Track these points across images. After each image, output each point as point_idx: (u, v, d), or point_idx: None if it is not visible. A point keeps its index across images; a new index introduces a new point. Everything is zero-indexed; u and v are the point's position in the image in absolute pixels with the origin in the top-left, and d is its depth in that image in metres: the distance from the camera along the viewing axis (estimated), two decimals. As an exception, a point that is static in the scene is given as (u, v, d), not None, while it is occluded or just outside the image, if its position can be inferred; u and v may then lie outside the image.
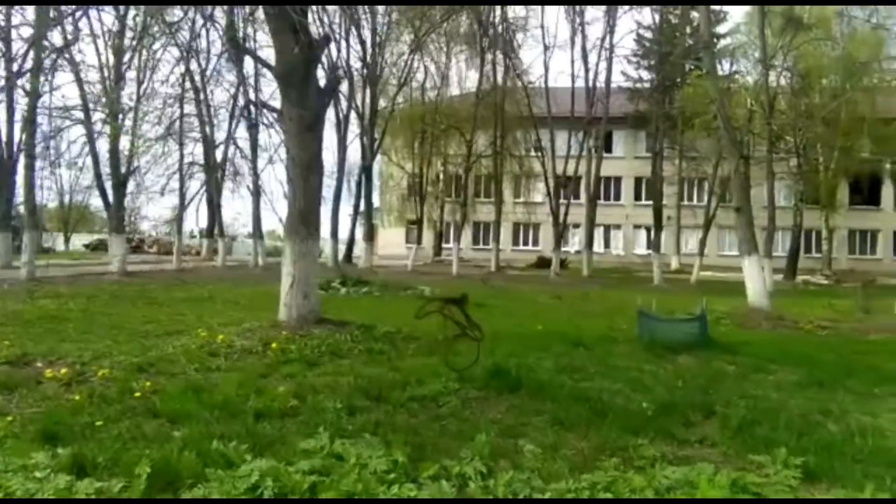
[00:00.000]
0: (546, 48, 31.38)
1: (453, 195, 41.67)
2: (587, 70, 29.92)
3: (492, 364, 6.00)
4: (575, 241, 49.98)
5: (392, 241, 48.48)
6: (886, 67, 28.93)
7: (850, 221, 41.50)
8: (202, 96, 29.20)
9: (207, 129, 29.52)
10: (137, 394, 5.11)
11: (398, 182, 46.53)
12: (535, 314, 12.04)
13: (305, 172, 7.75)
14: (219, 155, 29.54)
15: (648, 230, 47.82)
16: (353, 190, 39.54)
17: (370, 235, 28.27)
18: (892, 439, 4.60)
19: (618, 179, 49.52)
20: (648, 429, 4.58)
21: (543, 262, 40.25)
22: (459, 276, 25.54)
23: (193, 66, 25.96)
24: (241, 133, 30.83)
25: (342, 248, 31.59)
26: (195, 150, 30.14)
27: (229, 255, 36.38)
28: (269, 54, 10.22)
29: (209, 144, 29.81)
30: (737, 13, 56.25)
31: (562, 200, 31.03)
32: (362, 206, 33.13)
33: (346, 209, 35.26)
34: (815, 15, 25.52)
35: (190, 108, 28.83)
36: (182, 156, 26.87)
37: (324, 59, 8.78)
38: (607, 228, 50.33)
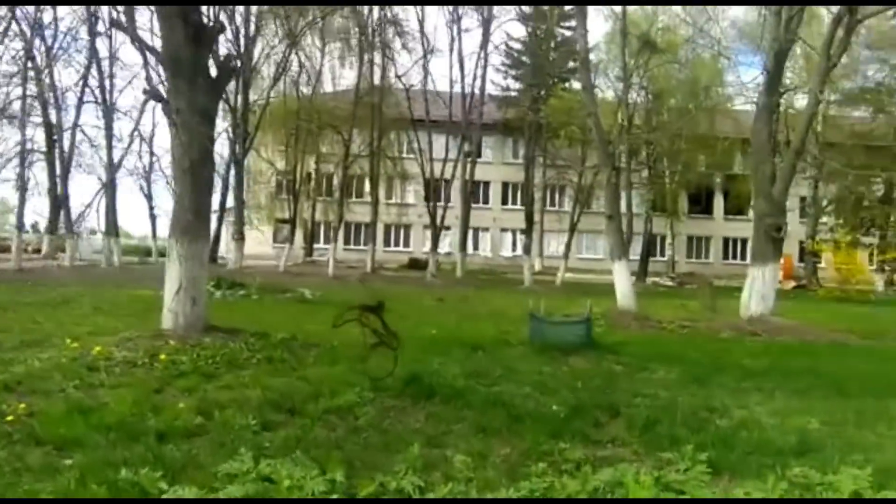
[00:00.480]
0: (426, 53, 31.73)
1: (324, 194, 40.89)
2: (463, 77, 30.61)
3: (406, 372, 5.94)
4: (446, 243, 51.03)
5: (258, 241, 46.68)
6: (724, 91, 32.34)
7: (689, 228, 45.90)
8: (46, 76, 26.37)
9: (53, 113, 26.72)
10: (10, 417, 4.47)
11: (268, 179, 44.90)
12: (423, 317, 12.10)
13: (194, 169, 7.20)
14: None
15: (514, 233, 50.07)
16: (219, 186, 37.68)
17: (240, 234, 26.90)
18: (770, 430, 5.13)
19: (486, 184, 51.02)
20: (565, 431, 4.76)
21: (416, 264, 40.70)
22: (336, 277, 25.08)
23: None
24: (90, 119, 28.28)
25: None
26: (37, 136, 27.16)
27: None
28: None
29: (52, 130, 26.98)
30: (598, 31, 60.12)
31: (439, 203, 31.50)
32: (229, 203, 31.66)
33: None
34: (666, 40, 27.93)
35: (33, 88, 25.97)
36: (24, 141, 23.97)
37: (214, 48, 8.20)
38: (476, 231, 51.71)
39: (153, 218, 31.83)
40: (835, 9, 12.56)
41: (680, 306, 17.06)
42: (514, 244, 51.44)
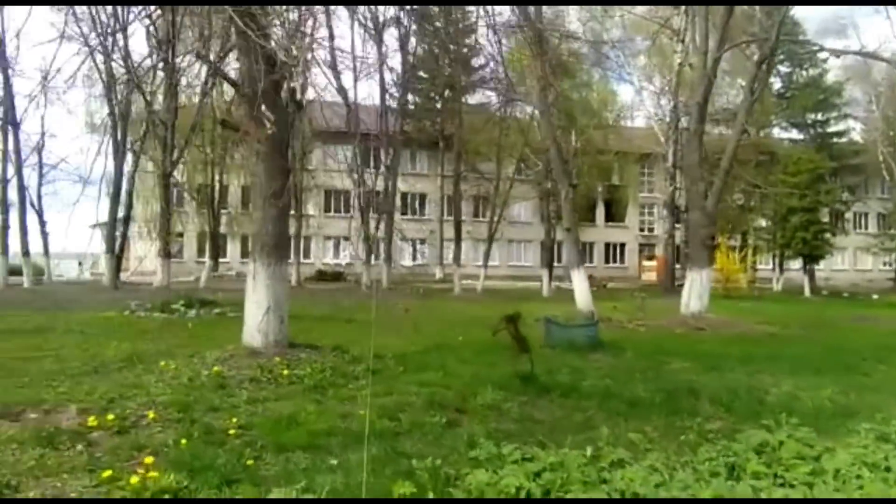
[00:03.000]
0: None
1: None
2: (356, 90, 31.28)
3: (521, 372, 6.89)
4: (346, 255, 51.31)
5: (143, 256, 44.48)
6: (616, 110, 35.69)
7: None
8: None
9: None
10: (232, 431, 4.92)
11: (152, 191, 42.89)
12: (417, 327, 12.89)
13: (276, 196, 7.67)
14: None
15: (414, 243, 51.29)
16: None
17: (167, 251, 25.79)
18: (808, 401, 6.64)
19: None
20: (677, 410, 5.96)
21: (323, 275, 40.74)
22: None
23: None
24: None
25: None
26: None
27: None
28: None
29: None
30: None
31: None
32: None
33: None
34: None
35: None
36: None
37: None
38: (378, 242, 52.33)
39: (45, 235, 29.41)
40: (757, 51, 15.00)
41: (613, 308, 19.05)
42: (414, 254, 52.57)
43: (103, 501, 3.34)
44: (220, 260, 44.29)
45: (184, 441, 4.62)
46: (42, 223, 29.55)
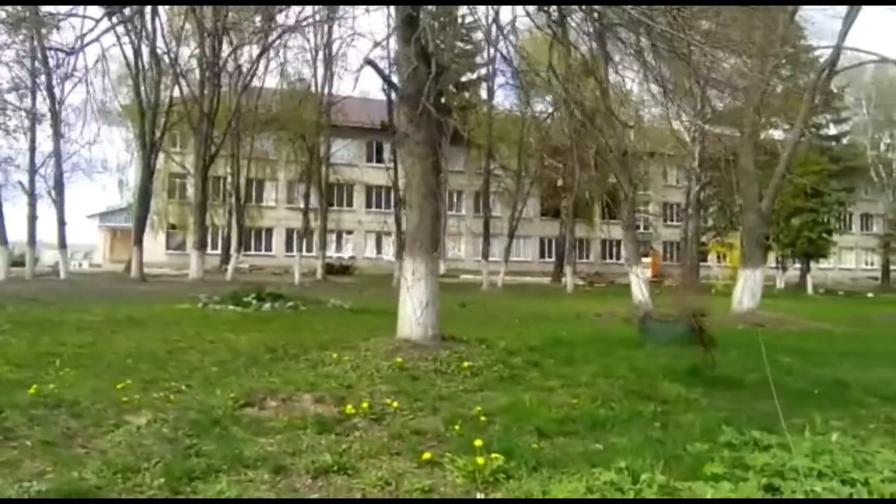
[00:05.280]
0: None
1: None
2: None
3: (685, 366, 7.35)
4: (348, 248, 51.44)
5: (150, 249, 44.26)
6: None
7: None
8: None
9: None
10: (482, 418, 5.25)
11: (163, 183, 42.56)
12: (490, 323, 13.27)
13: (432, 196, 8.01)
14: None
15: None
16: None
17: (202, 243, 25.78)
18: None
19: (388, 189, 51.87)
20: (848, 402, 6.47)
21: (332, 269, 40.87)
22: (302, 285, 25.02)
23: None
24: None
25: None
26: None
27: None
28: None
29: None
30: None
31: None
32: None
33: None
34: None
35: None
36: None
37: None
38: (378, 235, 52.48)
39: (64, 226, 28.91)
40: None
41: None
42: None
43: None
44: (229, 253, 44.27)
45: (456, 427, 4.97)
46: (61, 214, 29.19)
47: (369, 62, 7.93)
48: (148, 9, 21.90)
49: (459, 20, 33.14)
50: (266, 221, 46.66)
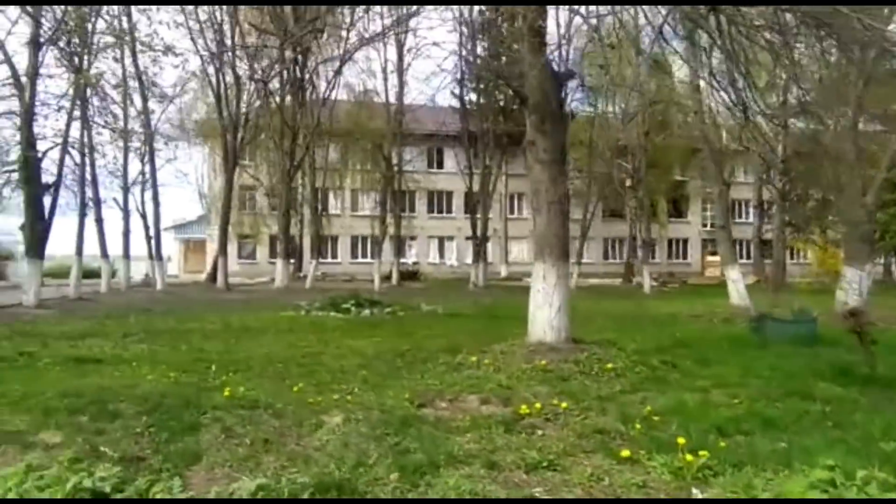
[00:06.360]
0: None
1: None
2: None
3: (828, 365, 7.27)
4: (412, 253, 51.99)
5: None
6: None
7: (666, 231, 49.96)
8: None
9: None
10: (656, 417, 5.36)
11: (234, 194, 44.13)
12: (587, 325, 13.26)
13: (560, 201, 8.16)
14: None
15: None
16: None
17: (288, 253, 26.71)
18: None
19: (449, 193, 52.24)
20: None
21: (406, 275, 41.47)
22: (382, 292, 25.53)
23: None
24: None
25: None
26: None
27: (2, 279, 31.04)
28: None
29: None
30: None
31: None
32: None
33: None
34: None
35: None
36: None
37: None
38: (441, 240, 52.91)
39: (150, 239, 30.20)
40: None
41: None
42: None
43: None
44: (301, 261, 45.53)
45: (637, 426, 5.10)
46: (146, 227, 30.56)
47: (497, 74, 8.14)
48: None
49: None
50: (332, 229, 47.70)
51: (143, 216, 30.27)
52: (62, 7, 16.68)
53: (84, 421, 4.85)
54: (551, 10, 16.13)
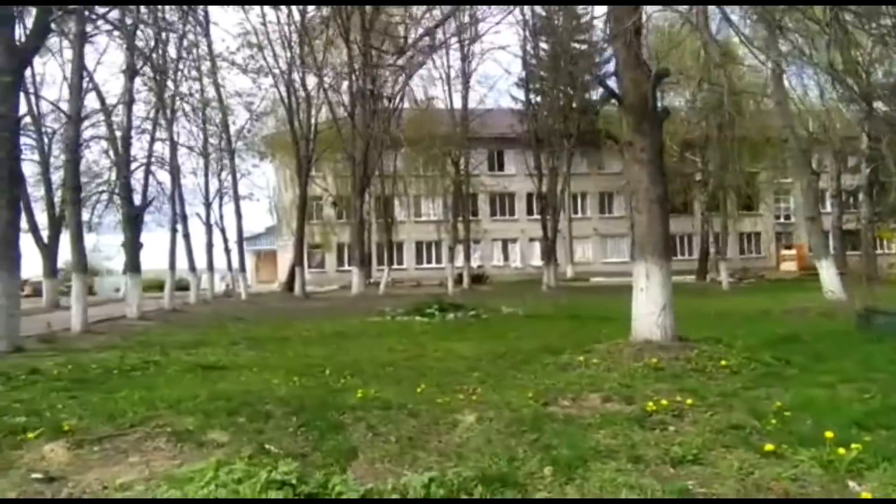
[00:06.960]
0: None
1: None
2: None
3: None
4: (476, 257, 52.13)
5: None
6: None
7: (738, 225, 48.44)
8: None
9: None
10: (788, 413, 5.34)
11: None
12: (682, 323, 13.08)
13: (661, 200, 8.17)
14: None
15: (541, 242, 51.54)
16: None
17: (362, 261, 27.48)
18: None
19: (511, 196, 52.11)
20: None
21: (477, 279, 41.75)
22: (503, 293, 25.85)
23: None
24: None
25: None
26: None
27: (91, 294, 32.61)
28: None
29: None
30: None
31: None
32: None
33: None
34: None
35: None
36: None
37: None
38: (504, 242, 52.87)
39: (228, 252, 31.45)
40: None
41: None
42: (542, 253, 52.84)
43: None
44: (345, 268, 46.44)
45: (772, 421, 5.09)
46: (225, 240, 31.89)
47: (598, 79, 8.22)
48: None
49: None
50: (398, 236, 48.44)
51: (223, 230, 31.66)
52: (152, 35, 17.69)
53: (242, 422, 5.21)
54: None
